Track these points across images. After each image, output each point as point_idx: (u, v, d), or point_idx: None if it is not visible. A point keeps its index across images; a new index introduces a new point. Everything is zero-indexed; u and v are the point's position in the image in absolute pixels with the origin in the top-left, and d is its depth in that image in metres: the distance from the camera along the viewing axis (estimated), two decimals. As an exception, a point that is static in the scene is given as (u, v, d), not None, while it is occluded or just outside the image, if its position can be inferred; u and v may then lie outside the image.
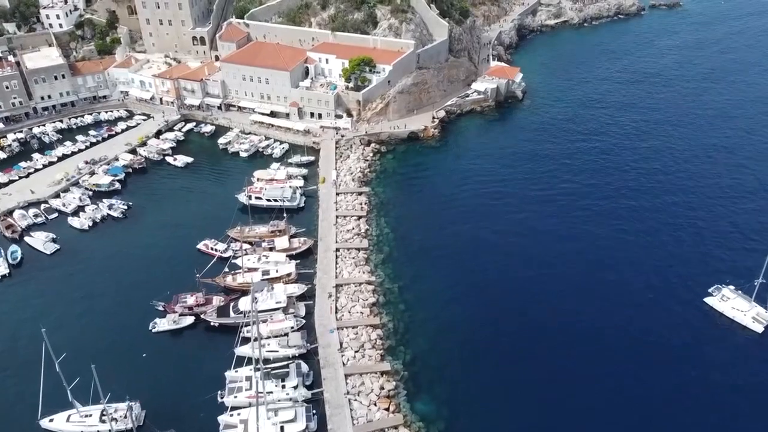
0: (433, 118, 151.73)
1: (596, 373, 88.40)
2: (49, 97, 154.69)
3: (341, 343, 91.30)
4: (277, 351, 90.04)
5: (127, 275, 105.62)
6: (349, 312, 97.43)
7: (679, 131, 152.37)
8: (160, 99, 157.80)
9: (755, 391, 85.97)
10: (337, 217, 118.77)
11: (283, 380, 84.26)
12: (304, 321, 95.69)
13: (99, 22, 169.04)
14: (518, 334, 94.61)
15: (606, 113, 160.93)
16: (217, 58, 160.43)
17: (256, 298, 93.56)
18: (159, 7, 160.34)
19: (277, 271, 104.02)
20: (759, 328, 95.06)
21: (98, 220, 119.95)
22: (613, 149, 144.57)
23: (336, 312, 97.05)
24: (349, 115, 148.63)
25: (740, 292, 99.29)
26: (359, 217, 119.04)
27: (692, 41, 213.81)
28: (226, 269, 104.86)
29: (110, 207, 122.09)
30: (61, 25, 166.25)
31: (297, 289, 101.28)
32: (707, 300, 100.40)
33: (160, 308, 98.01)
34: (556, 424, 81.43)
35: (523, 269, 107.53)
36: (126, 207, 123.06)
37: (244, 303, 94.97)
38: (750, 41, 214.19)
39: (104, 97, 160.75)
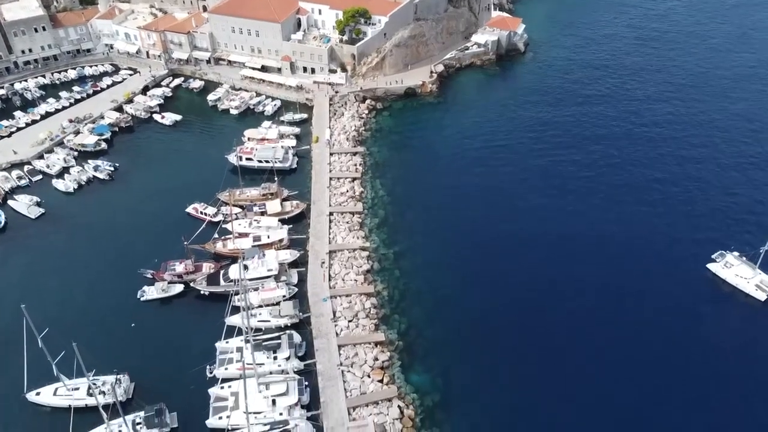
0: (431, 72, 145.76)
1: (595, 344, 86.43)
2: (30, 50, 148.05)
3: (334, 313, 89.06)
4: (269, 321, 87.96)
5: (115, 241, 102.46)
6: (343, 280, 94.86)
7: (692, 94, 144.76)
8: (147, 53, 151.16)
9: (757, 360, 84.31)
10: (330, 179, 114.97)
11: (274, 352, 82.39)
12: (296, 289, 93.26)
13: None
14: (517, 304, 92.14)
15: (612, 73, 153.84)
16: (205, 9, 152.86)
17: (246, 267, 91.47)
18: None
19: (268, 237, 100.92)
20: (762, 296, 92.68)
21: (84, 183, 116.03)
22: (619, 114, 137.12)
23: (329, 280, 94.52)
24: (344, 69, 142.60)
25: (744, 258, 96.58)
26: (353, 179, 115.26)
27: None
28: (216, 235, 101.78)
29: (96, 168, 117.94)
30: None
31: (289, 255, 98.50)
32: (710, 266, 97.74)
33: (149, 276, 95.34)
34: (553, 393, 79.88)
35: (524, 236, 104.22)
36: (112, 168, 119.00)
37: (235, 271, 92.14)
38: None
39: (88, 50, 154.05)
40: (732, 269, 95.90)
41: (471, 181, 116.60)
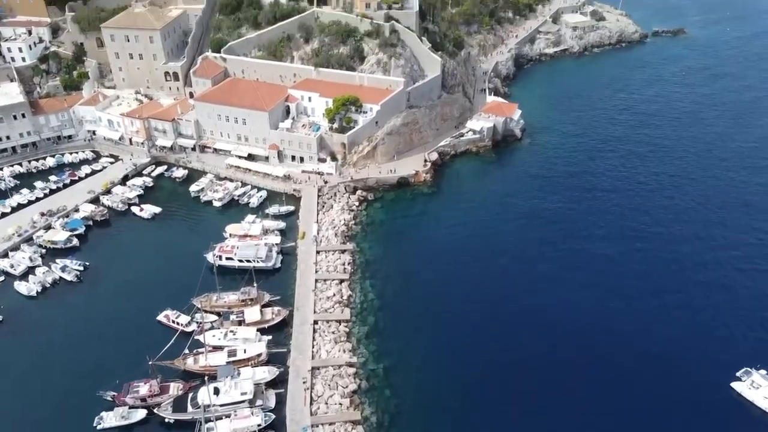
0: (425, 161, 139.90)
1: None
2: (8, 137, 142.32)
3: (315, 446, 78.56)
4: (240, 457, 77.32)
5: (75, 356, 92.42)
6: (326, 403, 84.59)
7: (697, 184, 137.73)
8: (129, 139, 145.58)
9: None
10: (316, 280, 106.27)
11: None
12: (273, 416, 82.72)
13: (65, 56, 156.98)
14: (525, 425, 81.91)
15: (613, 157, 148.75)
16: (191, 95, 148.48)
17: (217, 391, 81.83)
18: (129, 41, 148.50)
19: (245, 352, 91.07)
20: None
21: (49, 285, 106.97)
22: (627, 206, 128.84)
23: (311, 404, 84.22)
24: (334, 158, 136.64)
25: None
26: (341, 281, 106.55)
27: (700, 72, 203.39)
28: (187, 350, 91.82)
29: (63, 269, 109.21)
30: (24, 59, 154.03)
31: (267, 373, 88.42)
32: (734, 385, 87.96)
33: (109, 398, 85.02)
34: None
35: (531, 345, 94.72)
36: (81, 268, 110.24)
37: (204, 395, 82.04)
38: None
39: (69, 137, 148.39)
40: (760, 390, 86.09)
41: (468, 280, 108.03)
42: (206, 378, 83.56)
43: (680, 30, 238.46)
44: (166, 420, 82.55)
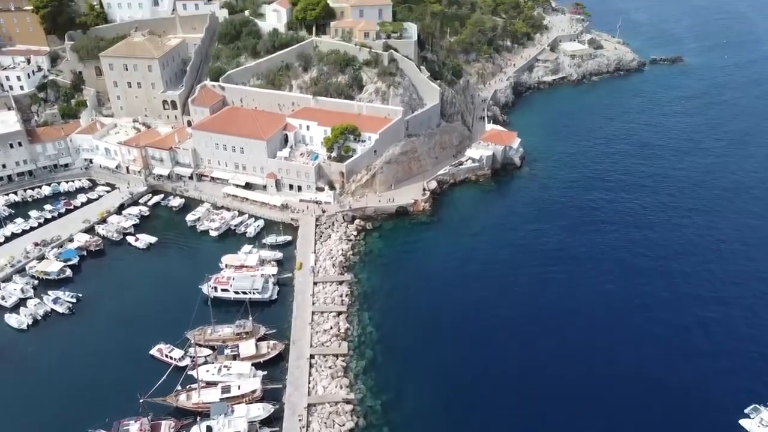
0: (424, 189, 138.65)
1: None
2: (4, 166, 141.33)
3: (310, 489, 75.80)
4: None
5: (64, 391, 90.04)
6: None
7: (698, 215, 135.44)
8: (127, 168, 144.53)
9: None
10: (313, 313, 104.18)
11: None
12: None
13: (64, 84, 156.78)
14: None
15: (613, 187, 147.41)
16: (189, 124, 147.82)
17: (210, 429, 79.22)
18: (127, 69, 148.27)
19: (239, 388, 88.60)
20: (809, 464, 79.92)
21: (40, 317, 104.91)
22: (628, 238, 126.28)
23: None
24: (332, 187, 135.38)
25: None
26: (339, 313, 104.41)
27: (698, 99, 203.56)
28: (179, 387, 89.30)
29: (56, 301, 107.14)
30: (22, 87, 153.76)
31: (262, 410, 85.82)
32: (743, 423, 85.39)
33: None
34: None
35: (533, 381, 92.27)
36: (74, 300, 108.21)
37: (196, 434, 79.61)
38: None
39: (66, 165, 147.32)
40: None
41: (469, 312, 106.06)
42: (198, 417, 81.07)
43: (678, 58, 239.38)
44: (157, 460, 79.93)
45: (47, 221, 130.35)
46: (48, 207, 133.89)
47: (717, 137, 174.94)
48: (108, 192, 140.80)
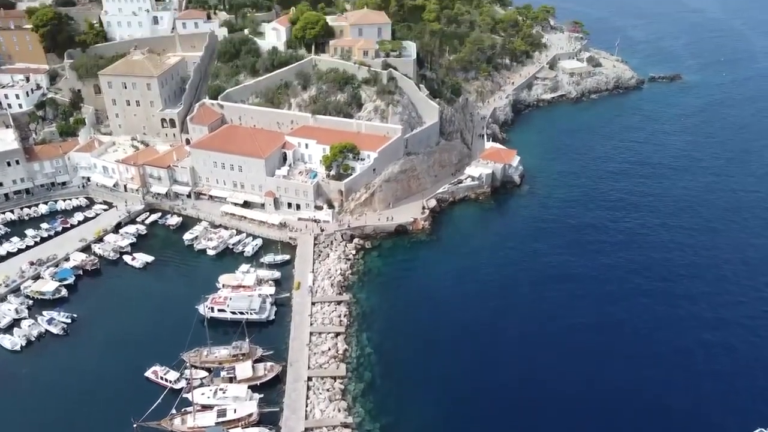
0: (423, 208, 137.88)
1: None
2: (1, 184, 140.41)
3: None
4: None
5: (58, 414, 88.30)
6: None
7: (700, 234, 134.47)
8: (124, 186, 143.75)
9: None
10: (311, 333, 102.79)
11: None
12: (263, 483, 78.57)
13: (62, 102, 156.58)
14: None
15: (613, 206, 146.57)
16: (188, 142, 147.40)
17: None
18: (126, 87, 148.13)
19: (235, 412, 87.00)
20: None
21: (34, 338, 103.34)
22: (629, 259, 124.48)
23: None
24: (331, 206, 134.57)
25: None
26: (337, 334, 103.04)
27: (697, 116, 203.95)
28: (174, 410, 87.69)
29: (50, 321, 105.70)
30: (20, 105, 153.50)
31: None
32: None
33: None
34: None
35: (536, 401, 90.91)
36: (69, 321, 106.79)
37: (191, 460, 77.97)
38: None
39: (63, 183, 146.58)
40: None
41: (468, 332, 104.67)
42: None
43: (677, 75, 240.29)
44: (150, 487, 78.25)
45: (43, 240, 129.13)
46: (45, 225, 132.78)
47: (716, 155, 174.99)
48: (105, 210, 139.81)
